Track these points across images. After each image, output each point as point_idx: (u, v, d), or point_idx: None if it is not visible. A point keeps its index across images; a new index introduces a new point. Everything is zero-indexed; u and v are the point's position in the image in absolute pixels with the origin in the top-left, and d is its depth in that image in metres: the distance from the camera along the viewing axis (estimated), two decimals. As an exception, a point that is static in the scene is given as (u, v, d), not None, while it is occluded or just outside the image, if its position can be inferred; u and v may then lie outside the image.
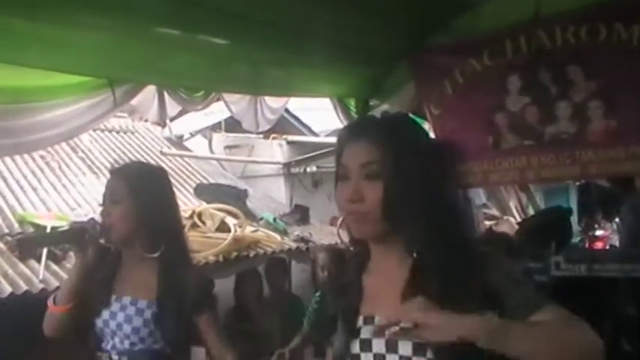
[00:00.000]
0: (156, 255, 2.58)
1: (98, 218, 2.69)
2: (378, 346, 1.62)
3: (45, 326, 2.64)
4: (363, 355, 1.64)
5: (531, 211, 10.27)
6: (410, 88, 4.86)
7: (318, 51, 3.97)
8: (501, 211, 9.47)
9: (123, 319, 2.55)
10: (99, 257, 2.58)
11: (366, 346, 1.64)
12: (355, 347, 1.66)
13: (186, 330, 2.62)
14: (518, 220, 9.79)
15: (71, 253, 4.80)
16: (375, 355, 1.63)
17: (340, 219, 1.62)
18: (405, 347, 1.56)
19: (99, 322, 2.58)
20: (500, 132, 4.47)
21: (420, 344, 1.52)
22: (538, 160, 4.34)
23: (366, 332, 1.65)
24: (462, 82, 4.55)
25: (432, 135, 5.52)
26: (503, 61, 4.34)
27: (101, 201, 2.68)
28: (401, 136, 1.63)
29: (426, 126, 6.77)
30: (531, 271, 5.00)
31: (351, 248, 1.82)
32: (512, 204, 10.44)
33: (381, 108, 5.02)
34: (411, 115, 5.40)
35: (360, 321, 1.68)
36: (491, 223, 8.76)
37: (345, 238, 1.78)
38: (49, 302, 2.61)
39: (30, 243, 3.52)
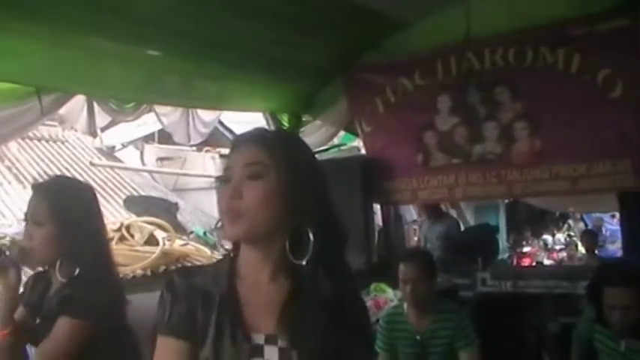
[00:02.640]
0: (65, 280, 2.42)
1: (18, 236, 2.60)
2: None
3: None
4: None
5: (462, 227, 10.45)
6: (342, 104, 4.91)
7: (251, 66, 3.98)
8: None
9: None
10: (19, 279, 2.49)
11: None
12: None
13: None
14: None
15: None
16: None
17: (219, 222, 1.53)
18: None
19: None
20: (430, 150, 4.56)
21: None
22: (466, 178, 4.45)
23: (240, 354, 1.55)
24: (394, 100, 4.63)
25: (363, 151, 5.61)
26: (434, 81, 4.44)
27: (24, 218, 2.58)
28: (287, 144, 1.62)
29: (358, 142, 6.88)
30: (458, 287, 5.08)
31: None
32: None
33: (314, 123, 5.06)
34: (342, 132, 5.51)
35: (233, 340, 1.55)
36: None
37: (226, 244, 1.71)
38: None
39: None
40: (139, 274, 5.39)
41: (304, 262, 1.53)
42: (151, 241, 5.89)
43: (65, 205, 2.48)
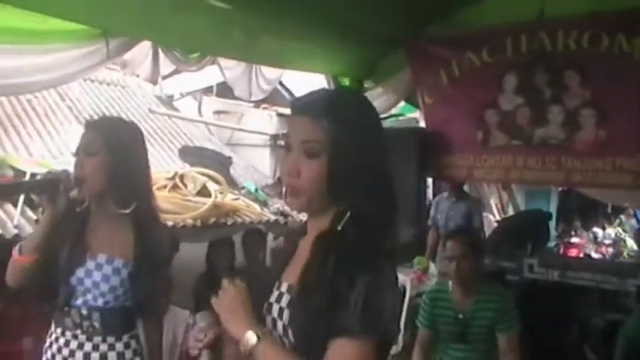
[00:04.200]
0: (127, 211, 2.54)
1: (72, 170, 2.64)
2: (275, 311, 1.68)
3: (8, 276, 2.57)
4: (267, 318, 1.69)
5: (511, 211, 10.33)
6: (406, 73, 4.85)
7: (316, 26, 3.94)
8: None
9: (100, 278, 2.52)
10: (69, 210, 2.54)
11: (268, 309, 1.70)
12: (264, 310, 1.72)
13: (158, 288, 2.64)
14: (497, 218, 9.85)
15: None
16: (272, 319, 1.68)
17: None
18: (285, 316, 1.63)
19: (72, 280, 2.53)
20: (490, 129, 4.48)
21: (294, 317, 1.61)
22: (524, 161, 4.36)
23: (271, 297, 1.72)
24: (458, 74, 4.54)
25: (422, 123, 5.55)
26: (502, 59, 4.34)
27: (75, 152, 2.59)
28: (345, 116, 1.62)
29: (417, 114, 6.81)
30: (504, 270, 5.03)
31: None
32: (493, 202, 10.49)
33: (375, 90, 5.00)
34: (403, 102, 5.46)
35: (275, 286, 1.75)
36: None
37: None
38: (14, 252, 2.53)
39: (3, 190, 3.49)
40: (189, 224, 5.44)
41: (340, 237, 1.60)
42: (203, 192, 5.93)
43: (117, 137, 2.55)
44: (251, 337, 1.57)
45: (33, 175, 5.04)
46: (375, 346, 1.52)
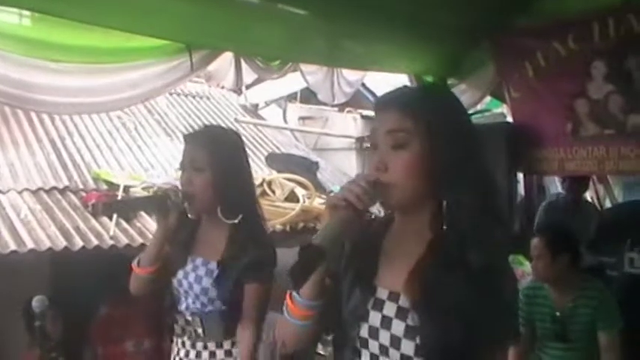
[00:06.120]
0: (236, 221, 2.60)
1: (177, 184, 2.73)
2: (373, 319, 1.58)
3: (131, 286, 2.71)
4: (362, 325, 1.59)
5: (608, 204, 9.98)
6: (489, 68, 4.76)
7: (397, 26, 3.92)
8: (576, 202, 9.19)
9: (193, 279, 2.60)
10: (180, 222, 2.63)
11: (364, 316, 1.59)
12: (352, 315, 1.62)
13: (247, 294, 2.61)
14: (594, 211, 9.53)
15: (142, 213, 4.94)
16: (369, 327, 1.58)
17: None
18: (398, 327, 1.52)
19: (174, 282, 2.64)
20: (580, 119, 4.34)
21: (412, 327, 1.49)
22: (618, 150, 4.20)
23: (362, 301, 1.61)
24: (544, 65, 4.42)
25: (509, 118, 5.43)
26: (589, 46, 4.19)
27: (180, 167, 2.69)
28: (432, 107, 1.55)
29: (504, 109, 6.67)
30: (603, 265, 4.86)
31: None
32: (589, 195, 10.17)
33: (458, 87, 4.93)
34: (489, 96, 5.36)
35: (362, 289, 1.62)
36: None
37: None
38: (134, 265, 2.66)
39: (115, 207, 3.63)
40: (279, 229, 5.51)
41: (443, 229, 1.52)
42: (291, 197, 5.99)
43: (223, 149, 2.62)
44: None
45: (127, 188, 5.22)
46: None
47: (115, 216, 4.82)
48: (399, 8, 3.75)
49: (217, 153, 2.59)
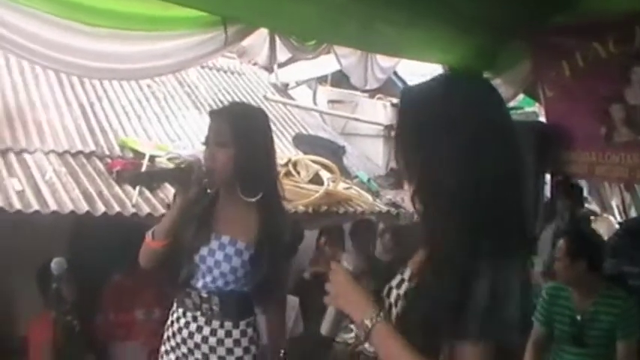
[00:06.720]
0: (254, 200, 2.61)
1: (201, 157, 2.73)
2: (393, 296, 1.66)
3: (141, 258, 2.72)
4: (385, 301, 1.66)
5: (633, 213, 9.86)
6: (525, 65, 4.69)
7: (433, 14, 3.87)
8: (601, 208, 9.09)
9: (222, 258, 2.60)
10: (199, 195, 2.63)
11: (388, 292, 1.68)
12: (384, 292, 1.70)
13: (277, 275, 2.69)
14: (619, 219, 9.42)
15: (165, 184, 4.94)
16: (389, 303, 1.66)
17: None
18: (400, 305, 1.61)
19: (196, 258, 2.63)
20: (615, 124, 4.27)
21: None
22: (652, 159, 4.14)
23: (394, 280, 1.70)
24: (582, 66, 4.34)
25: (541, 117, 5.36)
26: (630, 50, 4.11)
27: (204, 141, 2.70)
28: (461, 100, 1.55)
29: (537, 108, 6.59)
30: (625, 274, 4.79)
31: None
32: (615, 202, 10.02)
33: (493, 82, 4.86)
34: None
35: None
36: (592, 218, 8.43)
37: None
38: (147, 236, 2.66)
39: (140, 179, 3.64)
40: (301, 211, 5.49)
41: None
42: (316, 180, 5.97)
43: (247, 126, 2.61)
44: (367, 321, 1.51)
45: (152, 157, 5.22)
46: (496, 350, 1.42)
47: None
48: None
49: (241, 130, 2.59)
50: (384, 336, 1.50)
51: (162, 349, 2.74)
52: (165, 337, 2.73)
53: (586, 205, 8.66)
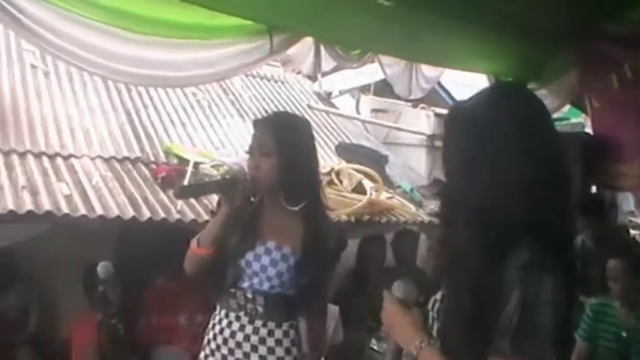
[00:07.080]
0: (297, 208, 2.65)
1: (244, 165, 2.77)
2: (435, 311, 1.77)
3: (186, 265, 2.75)
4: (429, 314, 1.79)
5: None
6: (572, 75, 4.63)
7: (480, 23, 3.84)
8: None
9: (268, 262, 2.64)
10: (244, 203, 2.66)
11: (433, 305, 1.81)
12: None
13: (321, 281, 2.75)
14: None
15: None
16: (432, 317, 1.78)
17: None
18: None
19: (241, 262, 2.67)
20: (663, 136, 4.19)
21: None
22: (701, 174, 4.05)
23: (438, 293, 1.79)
24: (631, 77, 4.26)
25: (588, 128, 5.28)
26: (680, 62, 4.03)
27: (248, 150, 2.74)
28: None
29: (583, 119, 6.49)
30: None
31: None
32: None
33: (539, 93, 4.81)
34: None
35: None
36: (637, 232, 8.27)
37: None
38: (193, 243, 2.70)
39: (188, 190, 3.69)
40: (343, 220, 5.48)
41: None
42: (359, 189, 5.96)
43: (291, 136, 2.65)
44: (413, 349, 1.57)
45: (196, 164, 5.26)
46: None
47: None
48: (484, 5, 3.68)
49: (284, 139, 2.62)
50: None
51: (202, 354, 2.76)
52: (205, 340, 2.76)
53: (632, 218, 8.51)
